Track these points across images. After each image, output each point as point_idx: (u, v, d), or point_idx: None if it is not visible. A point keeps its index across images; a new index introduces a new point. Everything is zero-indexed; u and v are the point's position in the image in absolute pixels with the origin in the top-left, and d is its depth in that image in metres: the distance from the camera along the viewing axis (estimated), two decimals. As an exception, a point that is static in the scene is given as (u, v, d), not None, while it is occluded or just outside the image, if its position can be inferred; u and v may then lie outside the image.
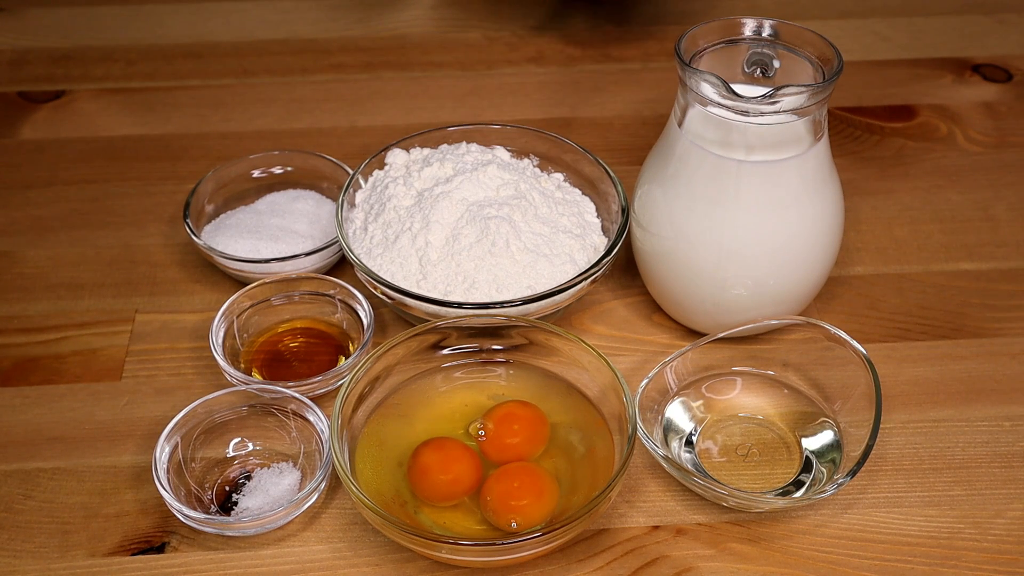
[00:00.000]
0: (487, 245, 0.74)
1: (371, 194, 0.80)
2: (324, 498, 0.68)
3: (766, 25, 0.71)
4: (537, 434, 0.68)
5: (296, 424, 0.70)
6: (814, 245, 0.72)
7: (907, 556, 0.65)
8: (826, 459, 0.68)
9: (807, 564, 0.65)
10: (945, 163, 0.92)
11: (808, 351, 0.72)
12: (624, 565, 0.65)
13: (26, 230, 0.86)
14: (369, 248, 0.76)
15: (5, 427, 0.72)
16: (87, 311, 0.80)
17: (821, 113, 0.69)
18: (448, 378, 0.72)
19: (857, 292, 0.81)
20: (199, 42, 1.06)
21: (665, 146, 0.73)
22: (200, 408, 0.69)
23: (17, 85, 1.01)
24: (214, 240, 0.80)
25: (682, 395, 0.72)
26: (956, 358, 0.76)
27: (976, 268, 0.83)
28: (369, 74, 1.03)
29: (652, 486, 0.69)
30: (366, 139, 0.94)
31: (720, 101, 0.67)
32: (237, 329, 0.75)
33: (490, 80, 1.02)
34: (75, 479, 0.69)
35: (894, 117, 0.97)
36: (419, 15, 1.10)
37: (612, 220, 0.79)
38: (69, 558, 0.65)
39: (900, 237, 0.86)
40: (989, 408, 0.73)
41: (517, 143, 0.84)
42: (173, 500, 0.64)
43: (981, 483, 0.69)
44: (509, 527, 0.64)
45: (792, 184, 0.69)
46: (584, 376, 0.70)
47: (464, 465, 0.66)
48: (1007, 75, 1.02)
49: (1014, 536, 0.66)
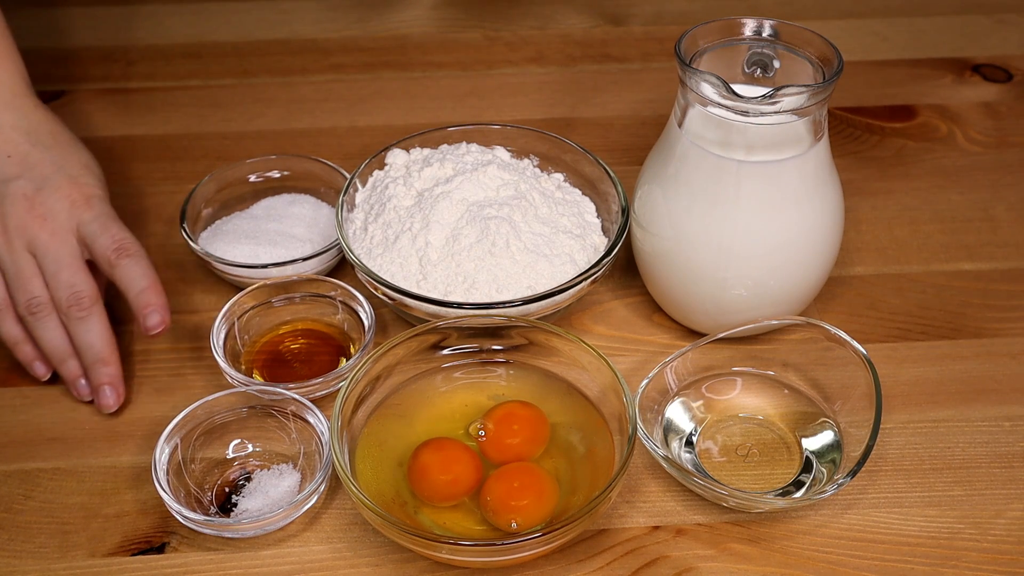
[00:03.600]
0: (487, 245, 0.74)
1: (371, 194, 0.80)
2: (324, 499, 0.68)
3: (766, 25, 0.71)
4: (537, 434, 0.68)
5: (296, 425, 0.70)
6: (814, 245, 0.72)
7: (907, 556, 0.65)
8: (826, 459, 0.68)
9: (807, 564, 0.65)
10: (945, 163, 0.92)
11: (808, 351, 0.72)
12: (624, 565, 0.65)
13: (26, 230, 0.86)
14: (369, 248, 0.76)
15: (5, 427, 0.72)
16: (87, 311, 0.80)
17: (821, 113, 0.69)
18: (448, 378, 0.72)
19: (857, 292, 0.81)
20: (199, 42, 1.05)
21: (665, 146, 0.73)
22: (200, 409, 0.69)
23: (17, 85, 1.01)
24: (212, 246, 0.80)
25: (682, 395, 0.72)
26: (956, 358, 0.76)
27: (976, 268, 0.83)
28: (369, 74, 1.03)
29: (652, 486, 0.69)
30: (366, 139, 0.94)
31: (720, 101, 0.67)
32: (238, 330, 0.75)
33: (490, 80, 1.02)
34: (75, 479, 0.69)
35: (894, 117, 0.97)
36: (419, 15, 1.10)
37: (612, 220, 0.79)
38: (69, 558, 0.65)
39: (900, 237, 0.86)
40: (989, 408, 0.73)
41: (517, 143, 0.84)
42: (172, 501, 0.64)
43: (981, 483, 0.69)
44: (509, 527, 0.64)
45: (792, 184, 0.69)
46: (584, 376, 0.69)
47: (464, 465, 0.66)
48: (1007, 75, 1.02)
49: (1014, 536, 0.66)
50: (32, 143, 0.76)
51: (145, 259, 0.73)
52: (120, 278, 0.72)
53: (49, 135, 0.77)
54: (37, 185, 0.74)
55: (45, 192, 0.74)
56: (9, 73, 0.78)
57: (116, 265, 0.72)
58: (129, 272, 0.72)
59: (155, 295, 0.72)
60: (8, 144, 0.76)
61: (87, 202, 0.74)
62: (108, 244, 0.72)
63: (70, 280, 0.72)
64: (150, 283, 0.72)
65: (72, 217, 0.73)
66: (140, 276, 0.72)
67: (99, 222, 0.73)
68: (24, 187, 0.74)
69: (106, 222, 0.74)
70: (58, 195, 0.74)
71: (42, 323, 0.72)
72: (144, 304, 0.71)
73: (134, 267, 0.72)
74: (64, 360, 0.73)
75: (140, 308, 0.71)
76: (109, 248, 0.72)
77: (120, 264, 0.72)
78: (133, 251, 0.73)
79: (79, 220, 0.73)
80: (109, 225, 0.73)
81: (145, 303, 0.71)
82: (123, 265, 0.72)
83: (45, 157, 0.76)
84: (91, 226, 0.73)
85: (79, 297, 0.72)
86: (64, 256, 0.73)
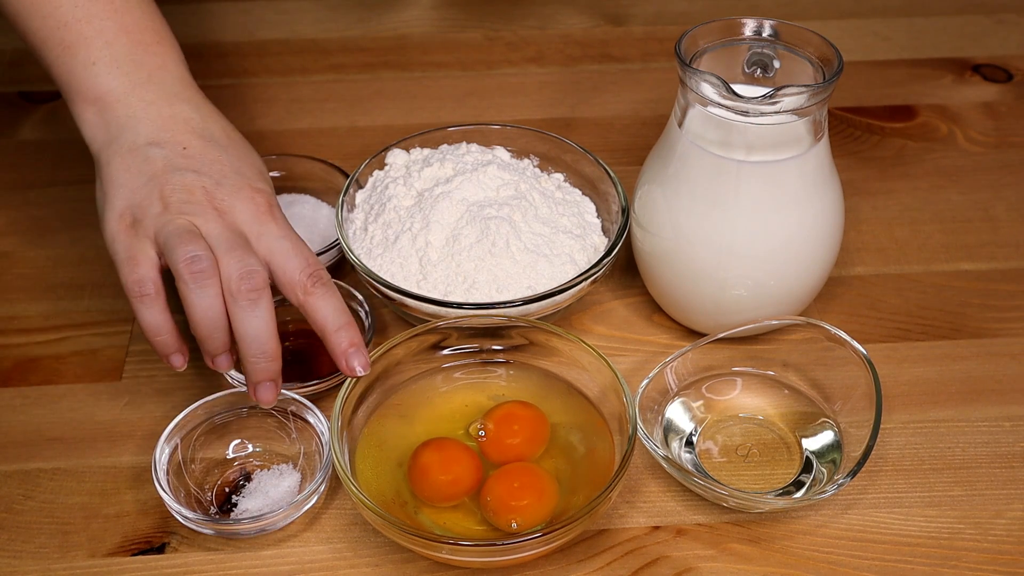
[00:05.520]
0: (487, 245, 0.74)
1: (371, 194, 0.80)
2: (324, 499, 0.68)
3: (766, 25, 0.71)
4: (537, 434, 0.68)
5: (296, 425, 0.70)
6: (814, 245, 0.72)
7: (907, 556, 0.65)
8: (826, 459, 0.68)
9: (807, 564, 0.65)
10: (945, 163, 0.92)
11: (808, 351, 0.72)
12: (624, 565, 0.65)
13: (26, 230, 0.86)
14: (369, 248, 0.76)
15: (5, 427, 0.72)
16: (87, 311, 0.80)
17: (821, 113, 0.69)
18: (448, 378, 0.72)
19: (857, 292, 0.81)
20: (199, 42, 1.05)
21: (665, 146, 0.73)
22: (200, 409, 0.69)
23: (17, 85, 1.01)
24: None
25: (682, 395, 0.72)
26: (956, 358, 0.76)
27: (976, 268, 0.83)
28: (369, 74, 1.02)
29: (652, 486, 0.69)
30: (366, 139, 0.94)
31: (720, 101, 0.67)
32: (237, 329, 0.75)
33: (490, 80, 1.02)
34: (75, 479, 0.69)
35: (894, 117, 0.97)
36: (419, 15, 1.10)
37: (612, 220, 0.79)
38: (69, 559, 0.65)
39: (900, 237, 0.86)
40: (989, 408, 0.73)
41: (517, 143, 0.84)
42: (172, 501, 0.64)
43: (981, 483, 0.69)
44: (509, 527, 0.64)
45: (792, 184, 0.69)
46: (584, 376, 0.69)
47: (464, 465, 0.66)
48: (1007, 75, 1.02)
49: (1014, 536, 0.66)
50: (206, 140, 0.70)
51: (336, 291, 0.67)
52: (314, 309, 0.66)
53: (222, 132, 0.71)
54: (216, 181, 0.67)
55: (224, 190, 0.67)
56: (175, 62, 0.72)
57: (311, 293, 0.65)
58: (325, 304, 0.66)
59: (355, 333, 0.66)
60: (184, 136, 0.69)
61: (271, 212, 0.67)
62: (301, 267, 0.66)
63: (243, 258, 0.64)
64: (347, 320, 0.66)
65: (255, 224, 0.67)
66: (336, 311, 0.66)
67: (290, 241, 0.67)
68: (202, 180, 0.67)
69: (297, 243, 0.67)
70: (240, 196, 0.67)
71: (202, 286, 0.64)
72: (347, 344, 0.65)
73: (330, 299, 0.66)
74: (212, 334, 0.65)
75: (342, 348, 0.66)
76: (303, 272, 0.66)
77: (315, 293, 0.65)
78: (327, 280, 0.66)
79: (262, 231, 0.66)
80: (301, 247, 0.67)
81: (348, 343, 0.65)
82: (318, 295, 0.66)
83: (222, 157, 0.69)
84: (280, 243, 0.66)
85: (252, 274, 0.64)
86: (237, 242, 0.65)
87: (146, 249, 0.66)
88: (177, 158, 0.68)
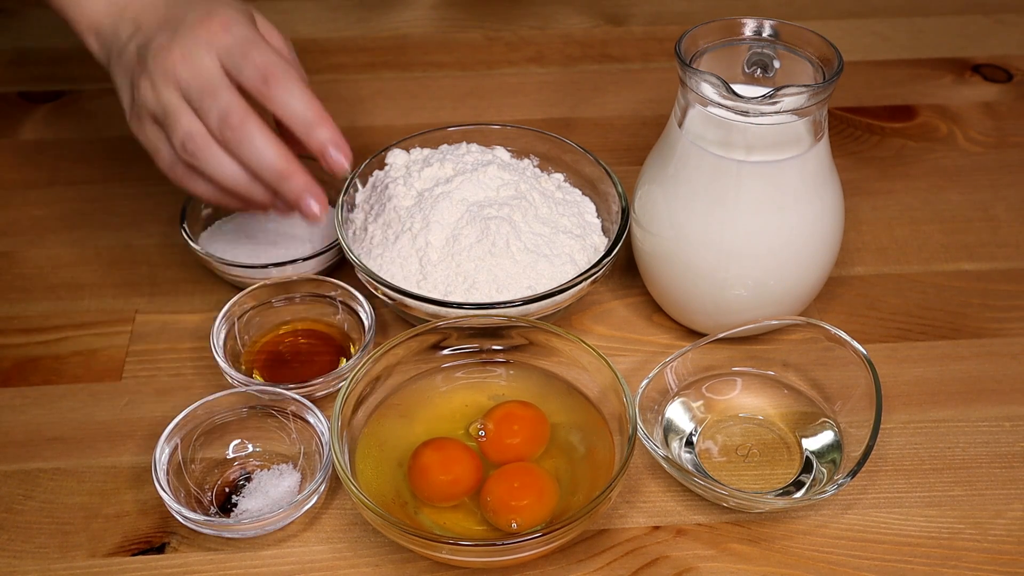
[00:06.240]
0: (487, 245, 0.74)
1: (371, 194, 0.80)
2: (324, 499, 0.68)
3: (766, 25, 0.71)
4: (537, 434, 0.68)
5: (296, 425, 0.70)
6: (814, 245, 0.72)
7: (907, 556, 0.65)
8: (826, 459, 0.68)
9: (807, 564, 0.65)
10: (945, 163, 0.92)
11: (808, 351, 0.72)
12: (624, 566, 0.65)
13: (26, 230, 0.86)
14: (369, 248, 0.76)
15: (5, 427, 0.72)
16: (87, 311, 0.80)
17: (821, 113, 0.69)
18: (448, 378, 0.72)
19: (857, 292, 0.81)
20: (199, 42, 1.05)
21: (665, 146, 0.73)
22: (200, 409, 0.69)
23: (17, 85, 1.01)
24: (212, 246, 0.80)
25: (682, 395, 0.72)
26: (956, 358, 0.76)
27: (976, 268, 0.83)
28: (369, 74, 1.03)
29: (652, 486, 0.69)
30: (366, 139, 0.94)
31: (720, 101, 0.67)
32: (238, 331, 0.75)
33: (490, 80, 1.02)
34: (75, 479, 0.69)
35: (894, 117, 0.97)
36: (419, 15, 1.10)
37: (612, 220, 0.79)
38: (69, 559, 0.65)
39: (900, 237, 0.86)
40: (989, 408, 0.73)
41: (517, 143, 0.84)
42: (172, 502, 0.64)
43: (981, 483, 0.69)
44: (509, 527, 0.64)
45: (792, 184, 0.69)
46: (584, 376, 0.69)
47: (464, 465, 0.66)
48: (1007, 75, 1.02)
49: (1014, 536, 0.66)
50: (169, 4, 0.70)
51: (299, 82, 0.65)
52: (277, 111, 0.64)
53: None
54: (173, 30, 0.67)
55: (180, 33, 0.67)
56: None
57: (267, 97, 0.64)
58: (285, 102, 0.64)
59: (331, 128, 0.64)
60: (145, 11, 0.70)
61: (224, 28, 0.66)
62: (252, 75, 0.65)
63: (212, 103, 0.64)
64: (318, 115, 0.64)
65: (211, 48, 0.66)
66: (301, 106, 0.64)
67: (239, 48, 0.66)
68: (161, 39, 0.67)
69: (246, 48, 0.66)
70: (193, 32, 0.66)
71: (203, 157, 0.65)
72: (319, 143, 0.64)
73: (288, 95, 0.64)
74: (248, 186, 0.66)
75: (316, 149, 0.64)
76: (255, 79, 0.65)
77: (271, 95, 0.64)
78: (280, 74, 0.64)
79: (218, 50, 0.66)
80: (249, 51, 0.65)
81: (319, 141, 0.64)
82: (274, 96, 0.64)
83: (184, 10, 0.69)
84: (232, 56, 0.65)
85: (226, 115, 0.64)
86: (204, 84, 0.65)
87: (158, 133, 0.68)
88: (139, 36, 0.69)
